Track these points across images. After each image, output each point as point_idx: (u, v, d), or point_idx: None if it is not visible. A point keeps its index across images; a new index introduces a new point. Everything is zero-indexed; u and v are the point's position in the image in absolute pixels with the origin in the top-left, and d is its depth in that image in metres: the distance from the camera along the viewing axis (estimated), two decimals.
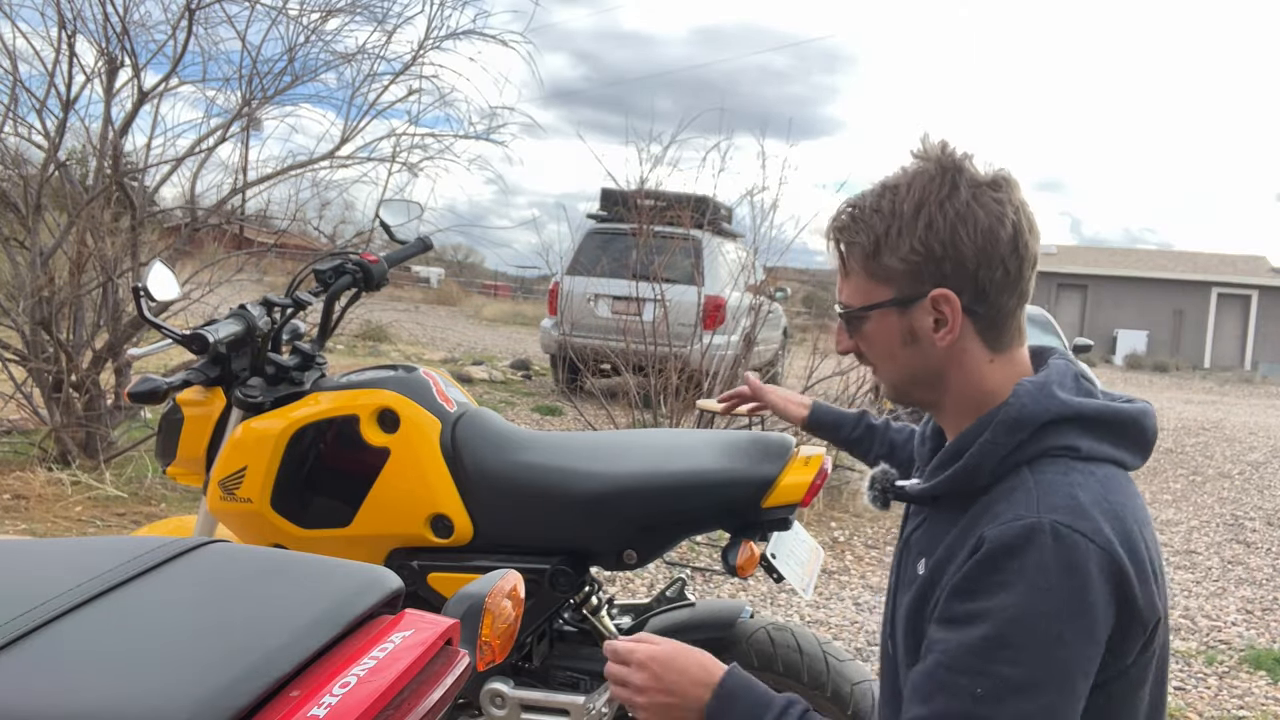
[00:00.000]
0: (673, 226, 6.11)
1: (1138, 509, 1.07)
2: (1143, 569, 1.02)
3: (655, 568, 3.88)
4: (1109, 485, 1.05)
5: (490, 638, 0.95)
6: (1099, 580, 0.98)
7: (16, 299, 4.61)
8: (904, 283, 1.13)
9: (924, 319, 1.13)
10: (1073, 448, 1.07)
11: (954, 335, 1.12)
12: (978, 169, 1.12)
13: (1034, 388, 1.10)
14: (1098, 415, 1.09)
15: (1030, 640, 0.98)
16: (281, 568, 0.91)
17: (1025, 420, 1.08)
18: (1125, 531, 1.02)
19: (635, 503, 1.65)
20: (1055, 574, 0.98)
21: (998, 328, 1.13)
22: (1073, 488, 1.04)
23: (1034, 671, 0.97)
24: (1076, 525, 1.00)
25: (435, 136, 5.32)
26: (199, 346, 1.67)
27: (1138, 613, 1.01)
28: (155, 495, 4.38)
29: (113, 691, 0.67)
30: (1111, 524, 1.01)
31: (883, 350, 1.18)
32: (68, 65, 4.70)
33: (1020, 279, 1.12)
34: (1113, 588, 0.99)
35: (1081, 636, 0.98)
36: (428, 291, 30.92)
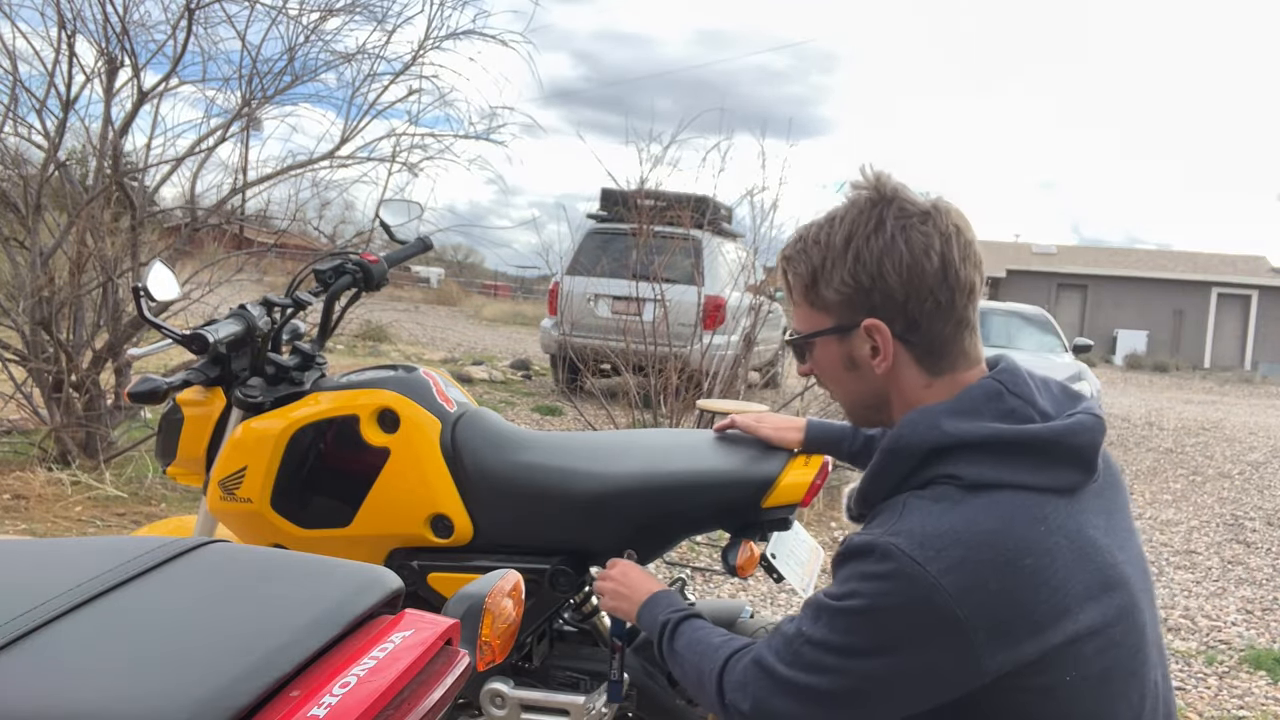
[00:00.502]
0: (673, 226, 6.11)
1: (1032, 537, 1.04)
2: (995, 596, 1.02)
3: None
4: (989, 512, 1.05)
5: (490, 638, 0.95)
6: (929, 618, 1.02)
7: (16, 299, 4.61)
8: (840, 312, 1.18)
9: (861, 346, 1.18)
10: (955, 476, 1.09)
11: (888, 363, 1.17)
12: (911, 200, 1.15)
13: (917, 417, 1.14)
14: (989, 441, 1.09)
15: (849, 630, 1.07)
16: (281, 568, 0.91)
17: (902, 450, 1.13)
18: (981, 561, 1.02)
19: (635, 503, 1.65)
20: (872, 591, 1.04)
21: (935, 354, 1.17)
22: (928, 516, 1.06)
23: (846, 644, 1.06)
24: (910, 550, 1.03)
25: (435, 136, 5.33)
26: (199, 346, 1.67)
27: (978, 636, 1.01)
28: (155, 495, 4.38)
29: (113, 691, 0.67)
30: (962, 553, 1.02)
31: (829, 375, 1.25)
32: (68, 65, 4.70)
33: (953, 308, 1.15)
34: (929, 616, 1.02)
35: (905, 654, 1.04)
36: (428, 291, 30.93)
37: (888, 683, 1.07)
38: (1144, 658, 1.11)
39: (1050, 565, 1.04)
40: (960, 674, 1.04)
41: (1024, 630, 1.02)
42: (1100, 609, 1.06)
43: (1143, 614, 1.12)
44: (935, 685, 1.06)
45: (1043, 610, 1.03)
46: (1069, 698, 1.05)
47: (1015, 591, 1.02)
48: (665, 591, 1.43)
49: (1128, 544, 1.15)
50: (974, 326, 1.19)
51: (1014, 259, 27.84)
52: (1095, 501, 1.13)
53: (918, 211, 1.15)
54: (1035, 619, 1.03)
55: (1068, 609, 1.04)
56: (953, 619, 1.01)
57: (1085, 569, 1.06)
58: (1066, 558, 1.05)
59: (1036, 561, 1.03)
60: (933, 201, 1.17)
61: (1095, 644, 1.05)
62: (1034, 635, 1.03)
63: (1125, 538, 1.16)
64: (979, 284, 1.17)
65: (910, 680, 1.06)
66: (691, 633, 1.31)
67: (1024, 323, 9.72)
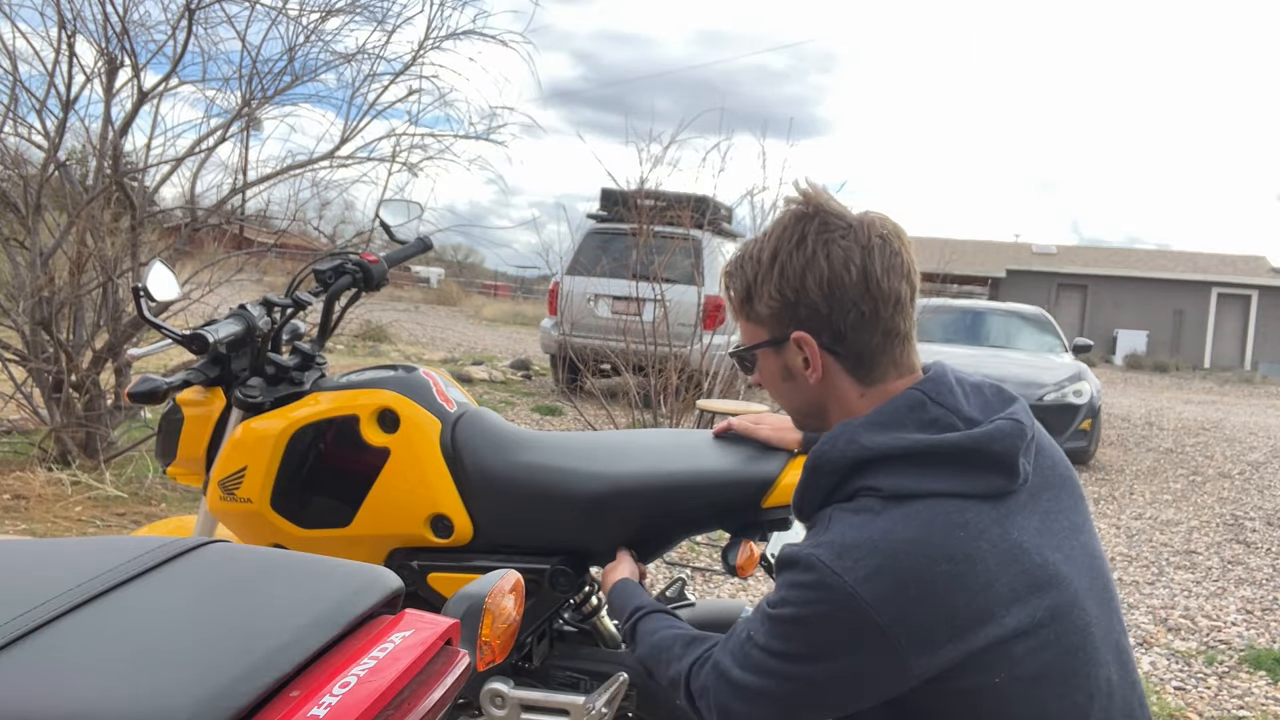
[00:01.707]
0: (673, 226, 6.11)
1: (951, 543, 1.06)
2: (925, 623, 1.04)
3: (655, 568, 3.88)
4: (907, 522, 1.07)
5: (490, 638, 0.95)
6: (852, 625, 1.05)
7: (16, 299, 4.61)
8: (772, 326, 1.23)
9: (794, 358, 1.23)
10: (875, 488, 1.12)
11: (818, 374, 1.21)
12: (835, 214, 1.19)
13: (839, 431, 1.18)
14: (908, 452, 1.11)
15: (784, 637, 1.11)
16: (281, 568, 0.91)
17: (824, 466, 1.17)
18: (899, 569, 1.05)
19: (635, 503, 1.65)
20: (812, 605, 1.08)
21: (865, 365, 1.20)
22: (849, 527, 1.10)
23: (784, 650, 1.11)
24: (829, 561, 1.07)
25: (435, 136, 5.33)
26: (199, 346, 1.67)
27: (901, 641, 1.04)
28: (155, 495, 4.38)
29: (113, 691, 0.67)
30: (883, 571, 1.05)
31: (771, 385, 1.30)
32: (68, 65, 4.71)
33: (877, 319, 1.17)
34: (852, 623, 1.05)
35: (835, 659, 1.08)
36: (428, 291, 30.94)
37: (823, 686, 1.11)
38: (1088, 657, 1.10)
39: (971, 570, 1.05)
40: (889, 678, 1.07)
41: (945, 634, 1.04)
42: (1028, 610, 1.07)
43: (1085, 613, 1.11)
44: (867, 687, 1.09)
45: (964, 614, 1.04)
46: (1002, 698, 1.07)
47: (934, 597, 1.04)
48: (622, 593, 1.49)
49: (1067, 544, 1.15)
50: (905, 336, 1.20)
51: (1014, 259, 27.84)
52: (1028, 503, 1.13)
53: (840, 225, 1.18)
54: (956, 623, 1.04)
55: (992, 612, 1.05)
56: (873, 625, 1.04)
57: (1010, 571, 1.07)
58: (989, 561, 1.06)
59: (955, 567, 1.05)
60: (860, 214, 1.20)
61: (1025, 645, 1.06)
62: (956, 639, 1.04)
63: (1065, 537, 1.15)
64: (906, 294, 1.19)
65: (844, 683, 1.10)
66: (655, 632, 1.36)
67: (1024, 323, 9.72)
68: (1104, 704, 1.12)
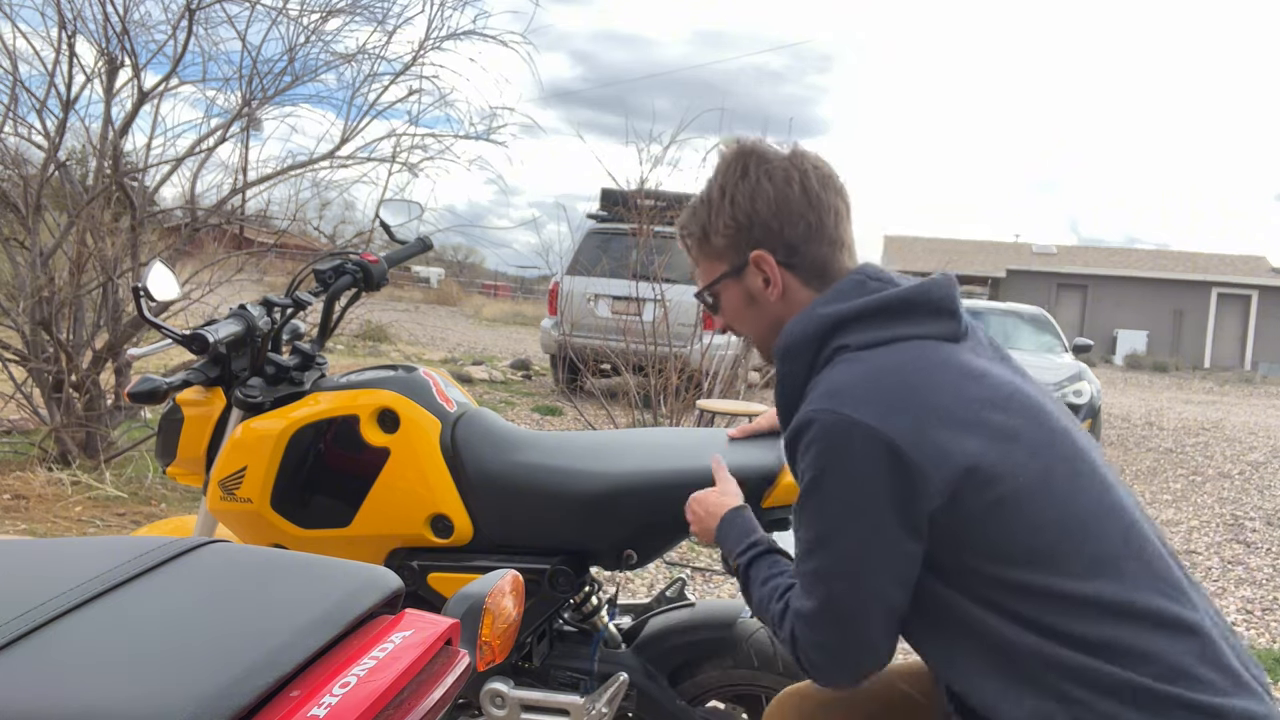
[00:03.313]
0: (673, 226, 6.11)
1: (927, 367, 1.18)
2: (922, 420, 1.13)
3: (655, 568, 3.88)
4: (883, 359, 1.19)
5: (490, 638, 0.95)
6: (860, 449, 1.12)
7: (16, 299, 4.61)
8: (730, 254, 1.34)
9: (755, 281, 1.34)
10: (843, 347, 1.23)
11: (778, 289, 1.32)
12: (769, 148, 1.34)
13: (797, 316, 1.29)
14: (860, 312, 1.24)
15: (816, 511, 1.16)
16: (281, 568, 0.91)
17: (794, 346, 1.28)
18: (886, 390, 1.15)
19: (635, 501, 1.65)
20: (821, 454, 1.15)
21: (819, 274, 1.32)
22: (833, 380, 1.19)
23: (822, 531, 1.16)
24: (823, 407, 1.16)
25: (435, 137, 5.33)
26: (199, 346, 1.67)
27: (911, 453, 1.11)
28: (155, 495, 4.38)
29: (113, 691, 0.67)
30: (872, 396, 1.15)
31: (736, 317, 1.39)
32: (68, 65, 4.71)
33: (823, 228, 1.31)
34: (863, 448, 1.12)
35: (856, 494, 1.13)
36: (428, 291, 30.94)
37: (869, 548, 1.14)
38: (1082, 456, 1.20)
39: (952, 385, 1.17)
40: (916, 495, 1.12)
41: (947, 437, 1.12)
42: (1009, 417, 1.17)
43: (1056, 419, 1.22)
44: (904, 516, 1.13)
45: (958, 415, 1.14)
46: (1023, 502, 1.13)
47: (927, 405, 1.14)
48: (735, 517, 1.44)
49: (1020, 374, 1.28)
50: (849, 247, 1.35)
51: (1014, 259, 27.84)
52: (979, 349, 1.27)
53: (775, 155, 1.32)
54: (954, 423, 1.13)
55: (981, 418, 1.15)
56: (883, 443, 1.12)
57: (982, 386, 1.18)
58: (963, 380, 1.18)
59: (937, 377, 1.17)
60: (788, 147, 1.34)
61: (1023, 446, 1.15)
62: (958, 439, 1.13)
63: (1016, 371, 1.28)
64: (844, 209, 1.34)
65: (884, 523, 1.13)
66: (758, 582, 1.35)
67: (1023, 323, 9.72)
68: (1115, 501, 1.19)
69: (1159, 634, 1.11)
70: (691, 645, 1.79)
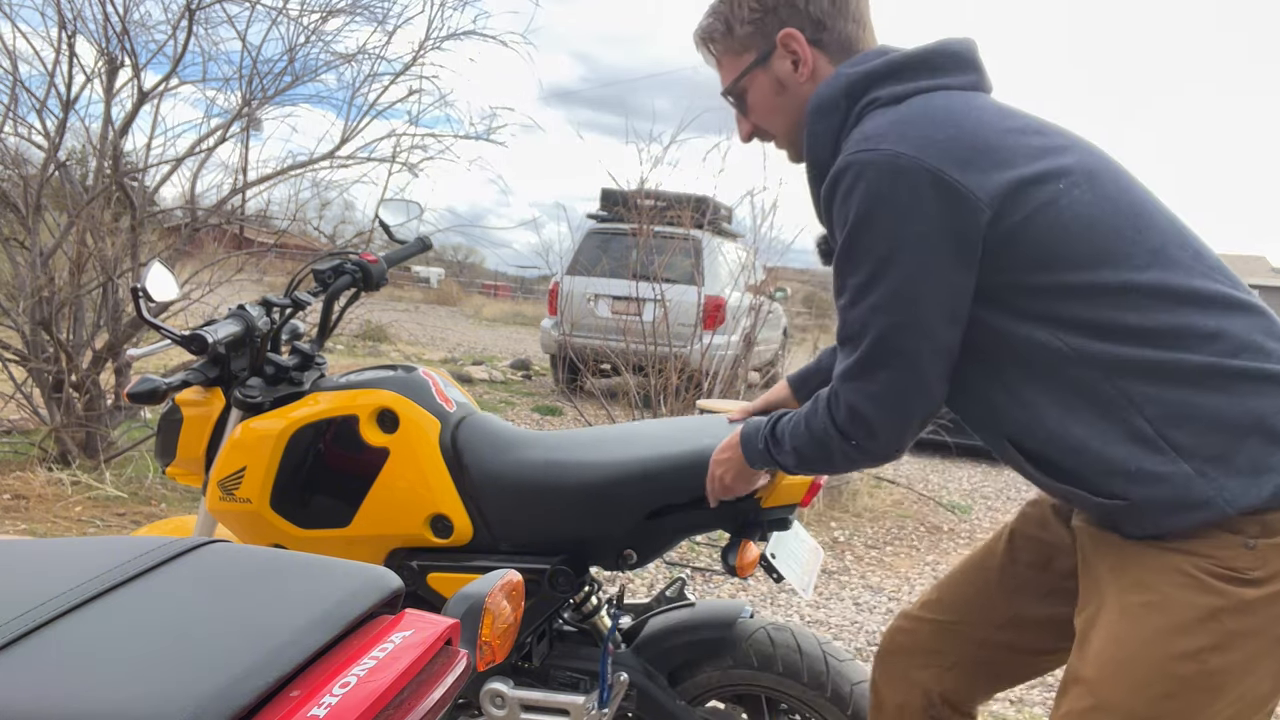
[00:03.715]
0: (673, 226, 6.11)
1: (958, 105, 1.21)
2: (963, 145, 1.15)
3: (655, 568, 3.88)
4: (915, 104, 1.21)
5: (490, 638, 0.95)
6: (906, 180, 1.13)
7: (16, 299, 4.61)
8: (758, 41, 1.35)
9: (783, 65, 1.35)
10: (874, 100, 1.25)
11: (809, 66, 1.34)
12: None
13: (826, 79, 1.31)
14: (889, 67, 1.27)
15: (864, 250, 1.17)
16: (281, 568, 0.91)
17: (825, 104, 1.29)
18: (923, 124, 1.17)
19: (640, 488, 1.64)
20: (866, 193, 1.15)
21: (846, 51, 1.34)
22: (867, 128, 1.21)
23: (870, 271, 1.17)
24: (862, 148, 1.17)
25: (435, 137, 5.33)
26: (198, 347, 1.67)
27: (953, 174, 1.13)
28: (155, 495, 4.38)
29: (113, 691, 0.67)
30: (908, 132, 1.16)
31: (766, 110, 1.39)
32: (68, 65, 4.70)
33: (846, 3, 1.33)
34: (906, 181, 1.14)
35: (904, 225, 1.14)
36: (428, 291, 30.94)
37: (919, 279, 1.15)
38: (1122, 170, 1.24)
39: (989, 117, 1.20)
40: (965, 215, 1.13)
41: (988, 160, 1.15)
42: (1048, 138, 1.20)
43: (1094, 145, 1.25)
44: (955, 243, 1.14)
45: (997, 143, 1.17)
46: (1075, 202, 1.16)
47: (966, 134, 1.16)
48: (748, 431, 1.45)
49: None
50: (869, 27, 1.37)
51: None
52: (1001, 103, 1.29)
53: None
54: (995, 150, 1.16)
55: (1021, 141, 1.18)
56: (927, 170, 1.13)
57: (1019, 118, 1.22)
58: (999, 113, 1.22)
59: (972, 114, 1.19)
60: None
61: (1066, 155, 1.19)
62: (1001, 161, 1.15)
63: None
64: None
65: (934, 253, 1.14)
66: (784, 424, 1.37)
67: None
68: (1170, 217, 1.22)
69: (1225, 314, 1.14)
70: (691, 645, 1.79)
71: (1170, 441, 1.11)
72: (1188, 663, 1.11)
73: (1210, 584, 1.11)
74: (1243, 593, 1.10)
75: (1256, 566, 1.10)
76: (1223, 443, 1.10)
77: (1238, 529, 1.10)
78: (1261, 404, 1.10)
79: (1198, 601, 1.12)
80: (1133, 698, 1.13)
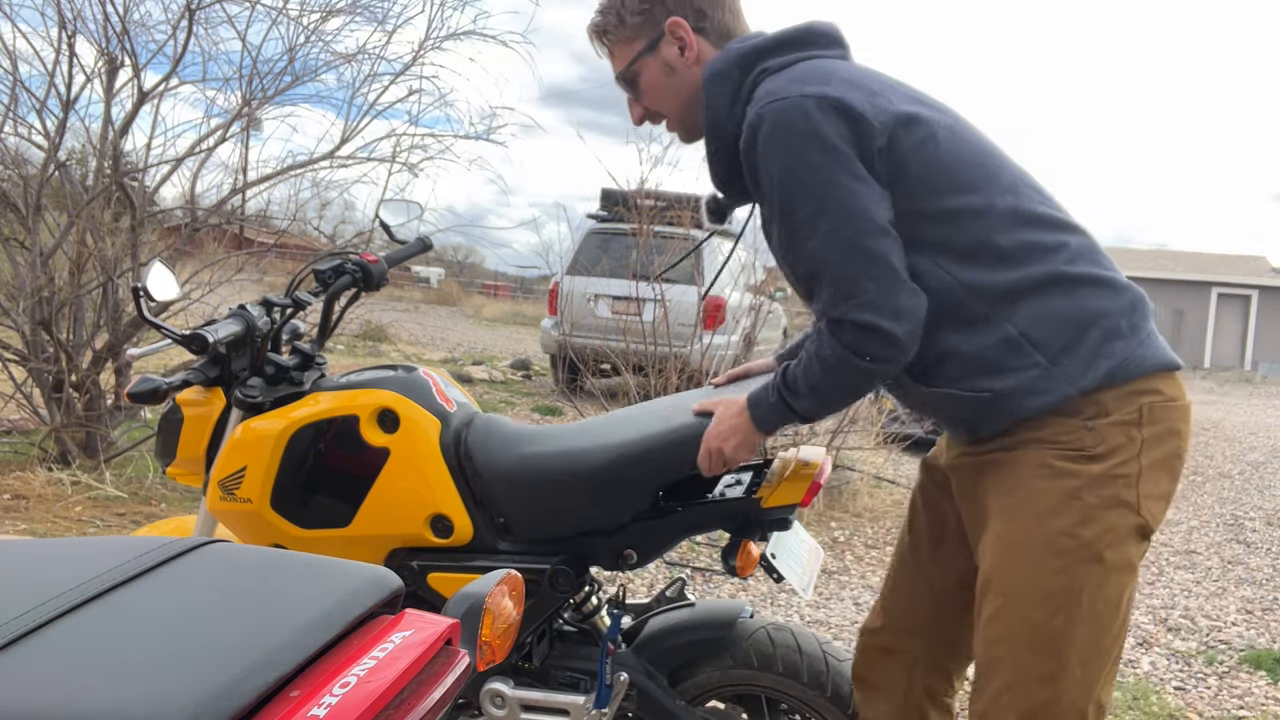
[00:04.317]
0: (673, 226, 6.11)
1: (841, 66, 1.41)
2: (854, 85, 1.35)
3: (655, 568, 3.88)
4: (803, 68, 1.40)
5: (490, 638, 0.95)
6: (818, 115, 1.31)
7: (16, 299, 4.61)
8: (646, 29, 1.51)
9: (671, 50, 1.51)
10: (764, 69, 1.43)
11: (694, 51, 1.50)
12: None
13: (717, 54, 1.48)
14: (773, 41, 1.45)
15: (799, 185, 1.33)
16: (281, 568, 0.91)
17: (720, 71, 1.45)
18: (827, 76, 1.36)
19: (644, 466, 1.62)
20: (784, 134, 1.32)
21: (724, 36, 1.51)
22: (766, 88, 1.38)
23: (813, 200, 1.32)
24: (776, 97, 1.34)
25: (435, 137, 5.33)
26: (198, 346, 1.67)
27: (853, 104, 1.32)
28: (155, 495, 4.38)
29: (113, 691, 0.67)
30: (808, 79, 1.35)
31: (657, 93, 1.54)
32: (68, 65, 4.71)
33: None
34: (830, 107, 1.31)
35: (829, 151, 1.31)
36: (428, 291, 30.92)
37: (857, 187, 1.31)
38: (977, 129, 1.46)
39: (870, 72, 1.42)
40: (865, 138, 1.32)
41: (879, 97, 1.35)
42: (918, 94, 1.42)
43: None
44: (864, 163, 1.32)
45: (882, 88, 1.37)
46: (942, 142, 1.36)
47: (855, 78, 1.37)
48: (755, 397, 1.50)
49: None
50: (743, 18, 1.55)
51: None
52: None
53: None
54: (881, 90, 1.36)
55: (899, 91, 1.39)
56: (832, 100, 1.32)
57: (887, 78, 1.43)
58: (870, 72, 1.42)
59: (857, 70, 1.41)
60: None
61: (934, 108, 1.40)
62: (888, 98, 1.35)
63: None
64: None
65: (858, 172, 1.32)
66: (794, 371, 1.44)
67: None
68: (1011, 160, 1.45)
69: (1063, 232, 1.39)
70: (691, 645, 1.79)
71: (1030, 339, 1.33)
72: (1064, 539, 1.30)
73: (1064, 467, 1.32)
74: (1090, 468, 1.31)
75: (1097, 444, 1.32)
76: (1069, 337, 1.33)
77: (1077, 411, 1.32)
78: (1100, 304, 1.35)
79: (1057, 485, 1.32)
80: (1031, 583, 1.31)
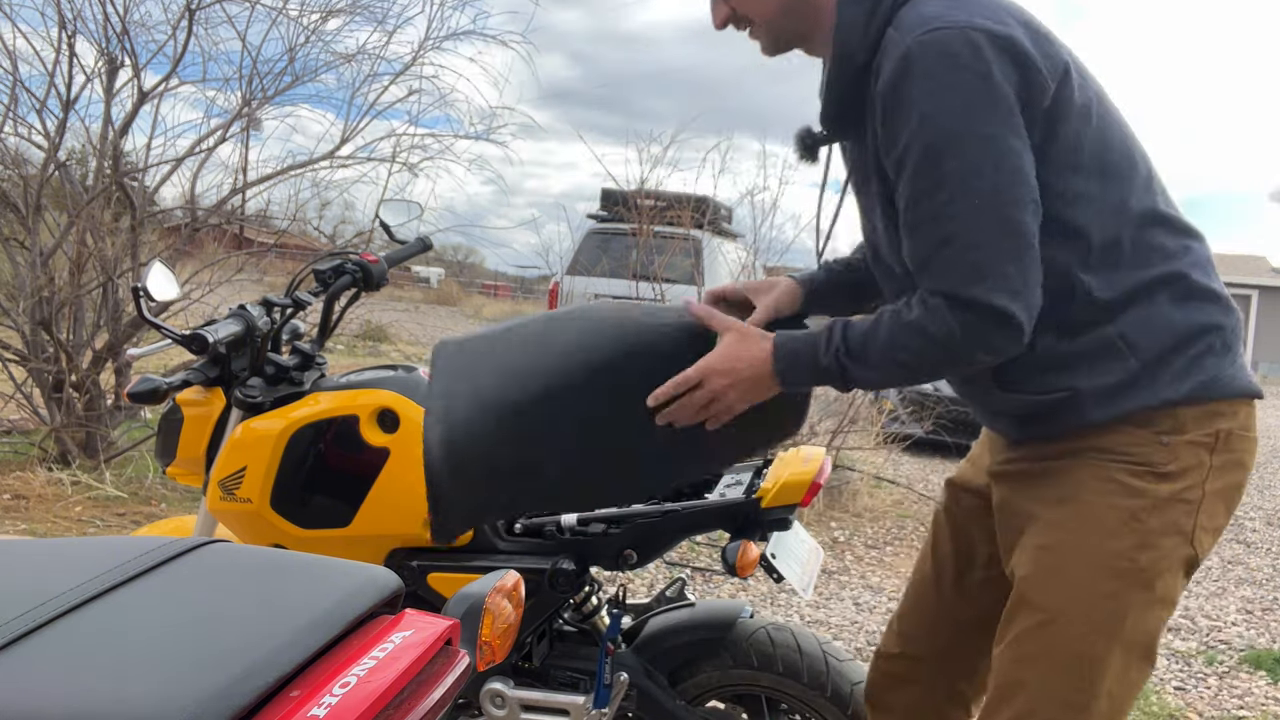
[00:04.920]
0: (673, 226, 6.11)
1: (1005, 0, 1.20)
2: (1021, 24, 1.16)
3: (655, 568, 3.88)
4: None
5: (490, 638, 0.95)
6: (985, 50, 1.11)
7: (16, 299, 4.61)
8: None
9: None
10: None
11: None
12: None
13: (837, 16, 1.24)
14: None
15: (950, 135, 1.12)
16: (281, 568, 0.91)
17: (846, 47, 1.22)
18: (990, 11, 1.15)
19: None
20: (946, 69, 1.12)
21: None
22: (920, 13, 1.16)
23: (969, 159, 1.11)
24: (939, 24, 1.13)
25: (435, 137, 5.34)
26: (198, 346, 1.67)
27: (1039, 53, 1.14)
28: (155, 495, 4.38)
29: (113, 691, 0.67)
30: (971, 11, 1.14)
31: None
32: (68, 65, 4.71)
33: None
34: (999, 47, 1.12)
35: (998, 101, 1.12)
36: (428, 291, 30.93)
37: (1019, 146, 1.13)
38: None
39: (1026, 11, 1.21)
40: (1034, 89, 1.14)
41: (1045, 41, 1.17)
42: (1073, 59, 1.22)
43: None
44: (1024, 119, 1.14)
45: (1044, 30, 1.19)
46: (1098, 115, 1.20)
47: (1021, 16, 1.18)
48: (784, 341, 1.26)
49: None
50: None
51: None
52: None
53: None
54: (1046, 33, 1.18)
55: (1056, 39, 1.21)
56: (1003, 37, 1.12)
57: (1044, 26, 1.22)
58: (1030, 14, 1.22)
59: (1017, 4, 1.21)
60: None
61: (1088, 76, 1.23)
62: (1054, 45, 1.18)
63: None
64: None
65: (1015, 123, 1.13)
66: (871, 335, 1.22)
67: None
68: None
69: (1186, 237, 1.25)
70: (691, 645, 1.79)
71: (1128, 341, 1.20)
72: (1121, 561, 1.19)
73: (1128, 483, 1.19)
74: (1158, 489, 1.19)
75: (1169, 461, 1.19)
76: (1169, 347, 1.20)
77: (1153, 423, 1.19)
78: (1209, 319, 1.22)
79: (1121, 503, 1.19)
80: (1078, 602, 1.19)
